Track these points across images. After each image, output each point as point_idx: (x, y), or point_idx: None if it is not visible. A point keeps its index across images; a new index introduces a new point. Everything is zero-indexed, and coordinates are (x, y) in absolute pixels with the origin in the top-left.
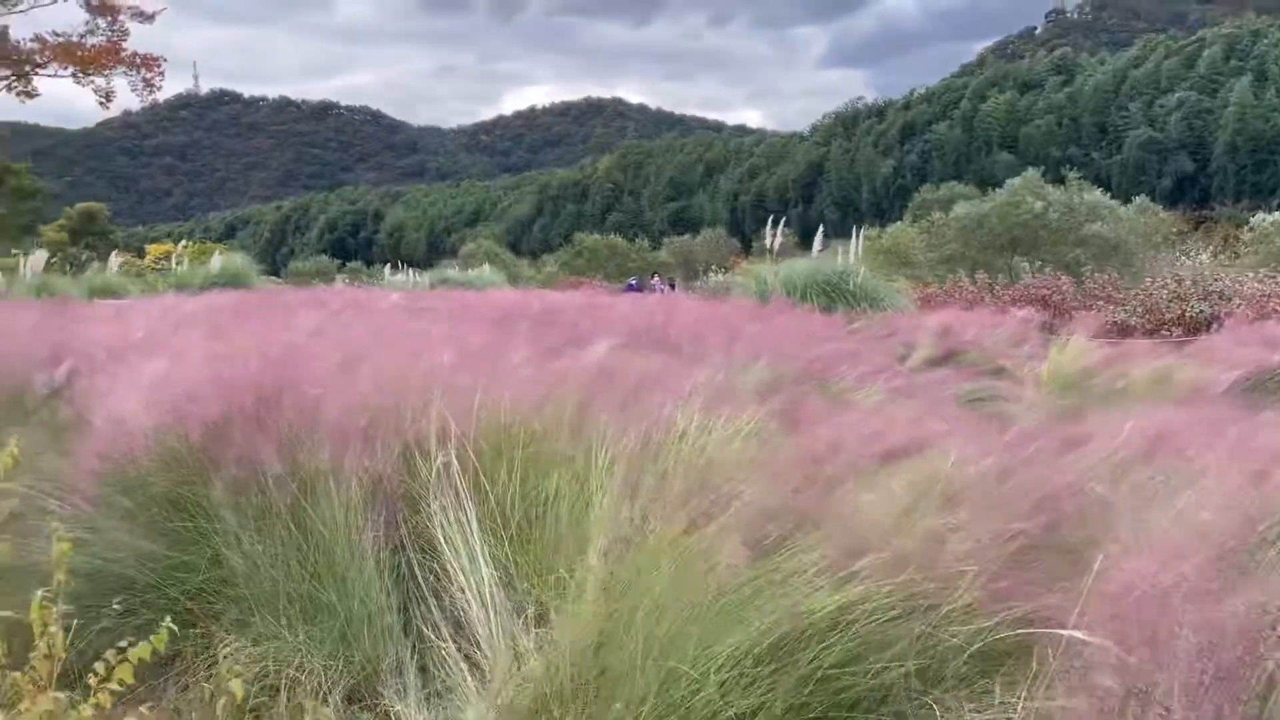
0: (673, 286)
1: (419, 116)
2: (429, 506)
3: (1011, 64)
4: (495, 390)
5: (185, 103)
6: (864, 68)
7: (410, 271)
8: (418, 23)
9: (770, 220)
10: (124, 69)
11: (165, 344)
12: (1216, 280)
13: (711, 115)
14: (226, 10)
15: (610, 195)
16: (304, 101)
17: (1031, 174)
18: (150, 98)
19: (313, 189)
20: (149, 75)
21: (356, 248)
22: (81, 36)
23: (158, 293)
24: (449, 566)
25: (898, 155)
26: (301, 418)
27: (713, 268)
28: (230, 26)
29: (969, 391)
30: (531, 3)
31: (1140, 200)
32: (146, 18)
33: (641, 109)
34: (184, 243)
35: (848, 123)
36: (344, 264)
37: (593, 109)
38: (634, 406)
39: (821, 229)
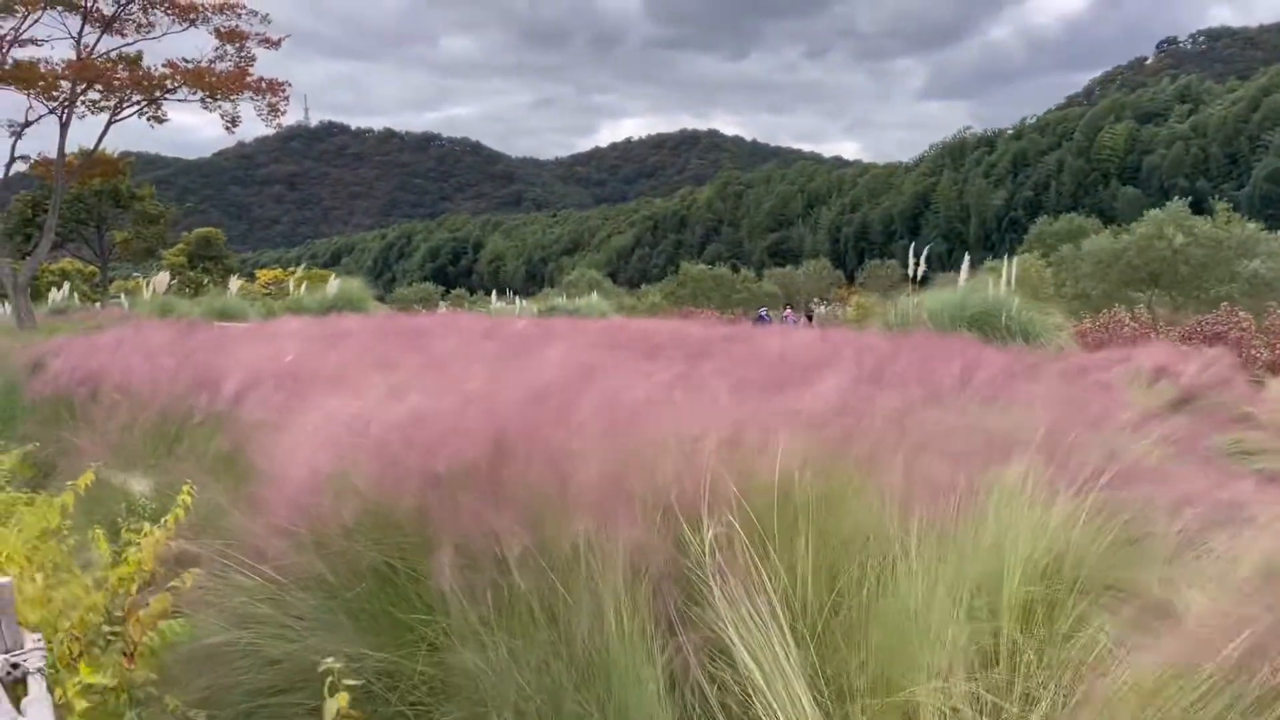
0: (810, 319)
1: (517, 148)
2: (710, 593)
3: (1132, 93)
4: (744, 436)
5: (295, 134)
6: (964, 99)
7: (517, 299)
8: (518, 57)
9: (912, 249)
10: (250, 94)
11: (323, 370)
12: None
13: (808, 147)
14: (338, 46)
15: (710, 225)
16: (407, 133)
17: (1176, 205)
18: (275, 122)
19: (413, 218)
20: (274, 100)
21: (456, 275)
22: (211, 62)
23: (276, 316)
24: (748, 683)
25: (1009, 187)
26: (547, 475)
27: (815, 299)
28: (341, 61)
29: (1230, 444)
30: (629, 36)
31: None
32: (273, 44)
33: (737, 140)
34: (302, 267)
35: (955, 153)
36: (448, 291)
37: (688, 141)
38: (926, 461)
39: (968, 257)
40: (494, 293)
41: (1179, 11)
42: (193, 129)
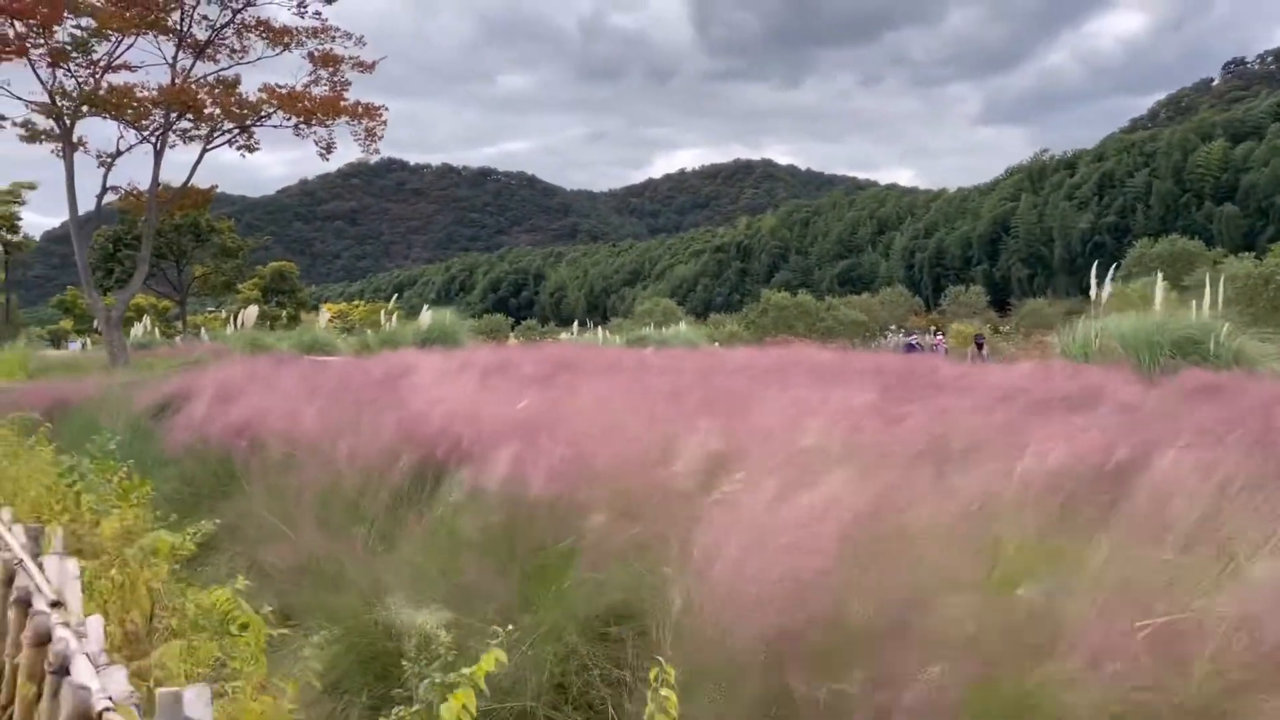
0: (980, 348)
1: (572, 180)
2: None
3: (1227, 110)
4: None
5: (356, 170)
6: (1020, 125)
7: (599, 330)
8: (573, 91)
9: (1094, 270)
10: (346, 119)
11: (576, 419)
12: None
13: (862, 175)
14: (399, 84)
15: (776, 253)
16: (464, 168)
17: None
18: (373, 147)
19: (470, 250)
20: (371, 125)
21: (518, 306)
22: (305, 87)
23: (372, 351)
24: None
25: (1094, 209)
26: None
27: (892, 326)
28: (401, 99)
29: None
30: (682, 69)
31: None
32: (366, 67)
33: (791, 169)
34: (392, 300)
35: (1035, 176)
36: (518, 322)
37: (741, 170)
38: None
39: (1161, 279)
40: (574, 324)
41: (1243, 33)
42: (258, 167)
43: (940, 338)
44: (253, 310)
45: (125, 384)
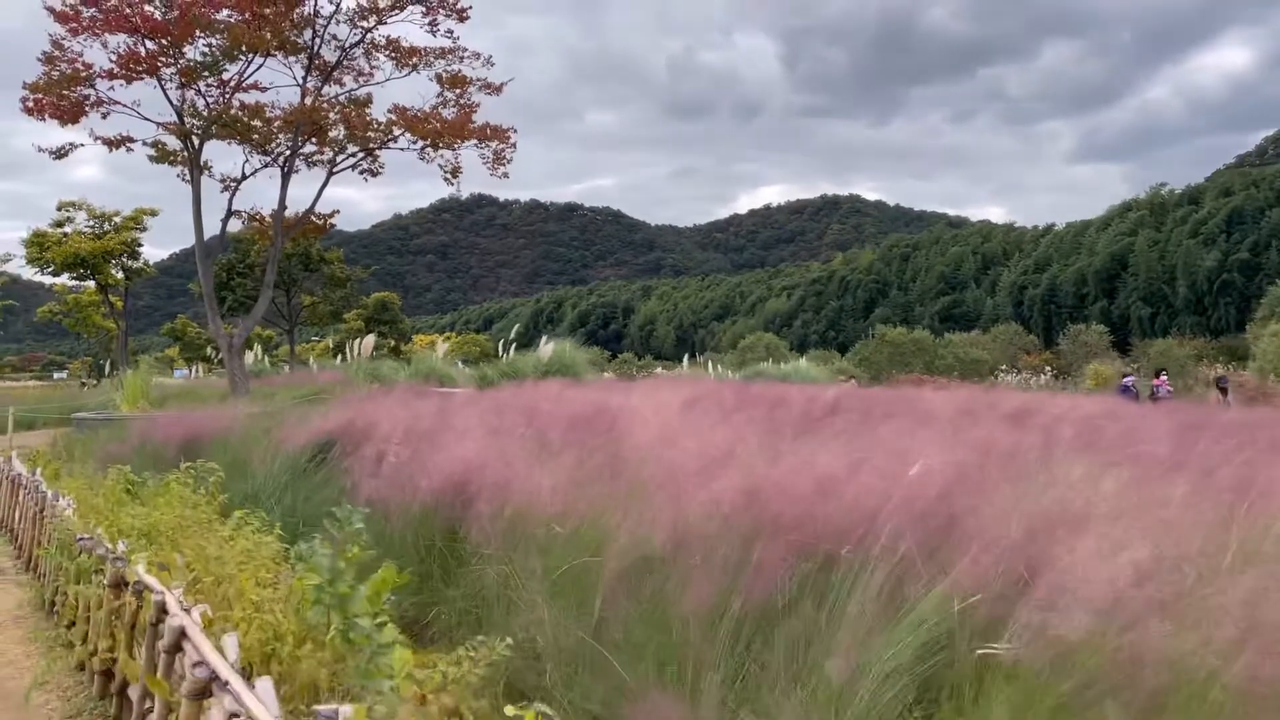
0: (1225, 392)
1: (656, 216)
2: None
3: None
4: None
5: (447, 206)
6: (1116, 162)
7: (712, 364)
8: (661, 128)
9: None
10: (475, 142)
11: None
12: None
13: (953, 211)
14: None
15: (874, 289)
16: (551, 203)
17: None
18: (501, 170)
19: (556, 285)
20: (500, 147)
21: (607, 339)
22: (434, 109)
23: (494, 383)
24: None
25: (1223, 246)
26: None
27: (1002, 366)
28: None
29: None
30: (770, 106)
31: None
32: (494, 89)
33: (879, 205)
34: (516, 330)
35: (1157, 211)
36: (614, 355)
37: (828, 206)
38: None
39: None
40: (684, 358)
41: None
42: (355, 203)
43: (1164, 378)
44: (369, 339)
45: (257, 415)
